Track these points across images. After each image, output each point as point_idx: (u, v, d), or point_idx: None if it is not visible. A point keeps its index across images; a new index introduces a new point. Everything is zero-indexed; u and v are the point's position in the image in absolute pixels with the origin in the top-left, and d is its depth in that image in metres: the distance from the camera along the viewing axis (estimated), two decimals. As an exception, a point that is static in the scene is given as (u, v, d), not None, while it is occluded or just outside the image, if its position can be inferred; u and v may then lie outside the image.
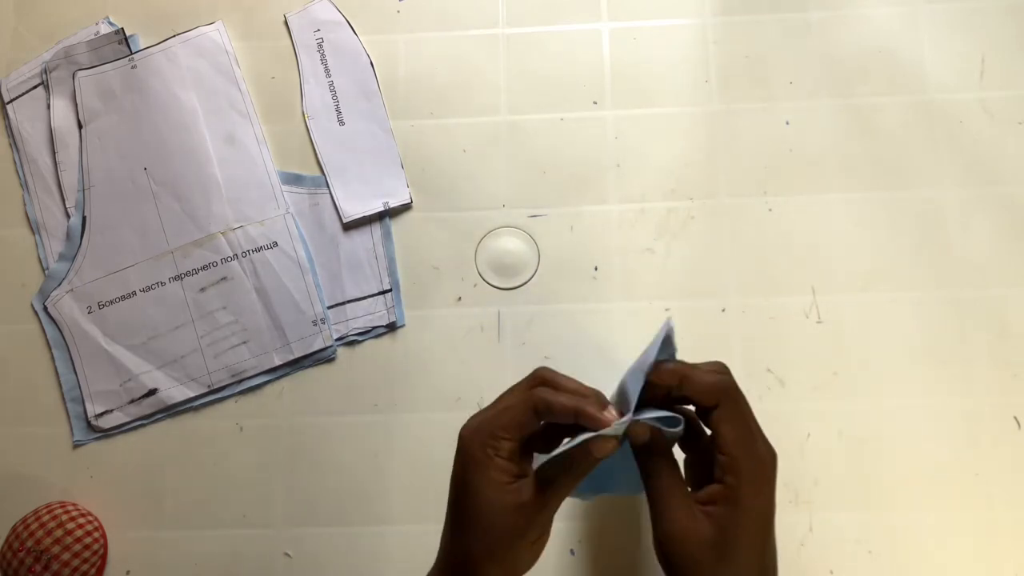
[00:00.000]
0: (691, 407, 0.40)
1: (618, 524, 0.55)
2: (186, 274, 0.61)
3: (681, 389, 0.38)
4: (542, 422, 0.39)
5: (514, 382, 0.41)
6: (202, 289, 0.60)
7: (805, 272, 0.59)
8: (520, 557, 0.39)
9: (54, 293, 0.61)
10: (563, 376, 0.40)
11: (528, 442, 0.40)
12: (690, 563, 0.36)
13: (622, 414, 0.38)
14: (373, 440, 0.58)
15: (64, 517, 0.55)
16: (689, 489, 0.39)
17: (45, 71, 0.65)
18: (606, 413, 0.37)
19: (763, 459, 0.37)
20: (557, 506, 0.39)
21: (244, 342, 0.59)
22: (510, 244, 0.61)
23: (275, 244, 0.61)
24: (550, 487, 0.38)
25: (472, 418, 0.39)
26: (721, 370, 0.39)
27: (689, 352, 0.42)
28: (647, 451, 0.38)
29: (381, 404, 0.58)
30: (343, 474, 0.57)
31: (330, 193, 0.62)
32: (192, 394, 0.59)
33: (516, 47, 0.64)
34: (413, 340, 0.59)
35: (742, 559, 0.36)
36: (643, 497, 0.39)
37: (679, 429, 0.38)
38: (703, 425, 0.40)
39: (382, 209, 0.61)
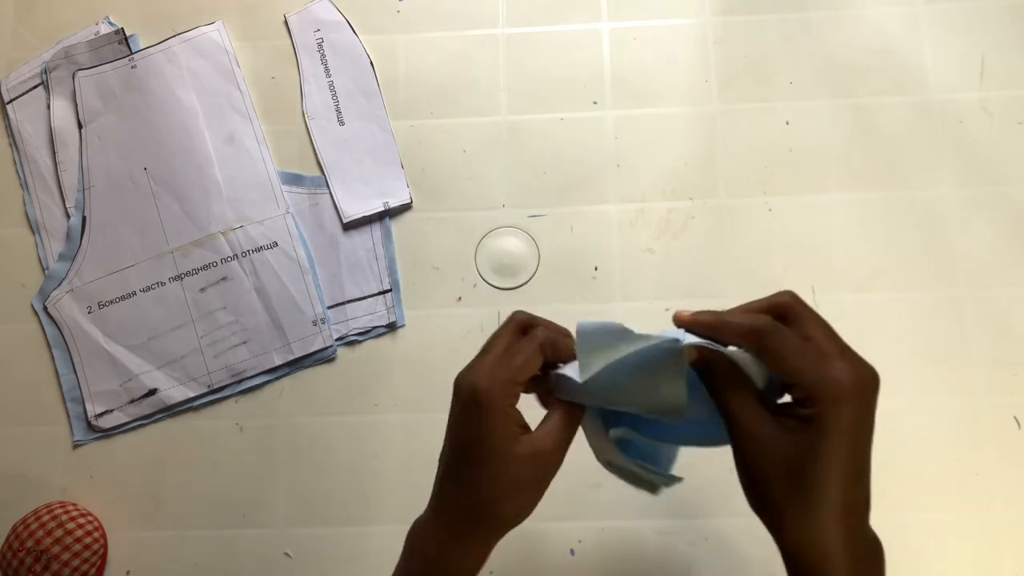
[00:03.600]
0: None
1: (618, 524, 0.55)
2: (186, 274, 0.61)
3: (714, 339, 0.37)
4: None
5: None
6: (202, 289, 0.60)
7: (805, 272, 0.59)
8: (530, 505, 0.38)
9: (54, 293, 0.61)
10: (539, 317, 0.40)
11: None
12: (769, 477, 0.34)
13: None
14: (373, 440, 0.58)
15: (64, 517, 0.54)
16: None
17: (45, 71, 0.65)
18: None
19: (839, 380, 0.34)
20: (561, 457, 0.38)
21: (244, 342, 0.59)
22: (510, 244, 0.61)
23: (275, 244, 0.61)
24: (562, 438, 0.38)
25: (478, 368, 0.38)
26: (759, 308, 0.37)
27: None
28: (711, 371, 0.36)
29: (381, 404, 0.58)
30: (343, 474, 0.57)
31: (330, 193, 0.62)
32: (192, 394, 0.59)
33: (516, 47, 0.64)
34: (413, 340, 0.59)
35: (827, 477, 0.33)
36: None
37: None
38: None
39: (382, 209, 0.61)
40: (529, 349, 0.38)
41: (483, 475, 0.37)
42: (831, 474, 0.33)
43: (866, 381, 0.34)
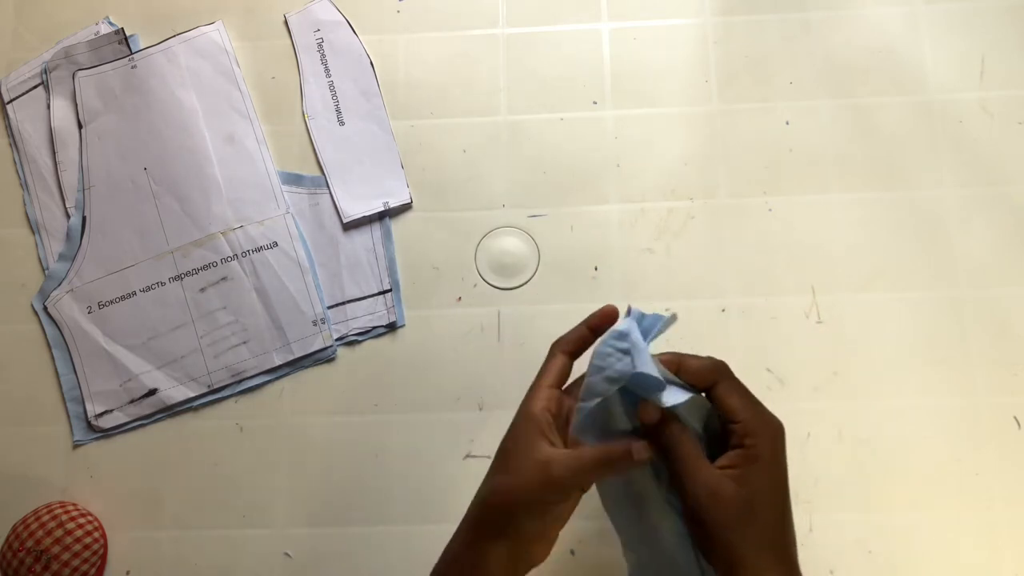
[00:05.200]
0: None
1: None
2: (186, 274, 0.61)
3: (678, 375, 0.41)
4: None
5: (514, 382, 0.42)
6: (202, 289, 0.60)
7: (805, 272, 0.59)
8: (542, 504, 0.40)
9: (54, 293, 0.61)
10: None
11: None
12: (720, 523, 0.37)
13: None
14: (373, 440, 0.58)
15: (64, 517, 0.54)
16: None
17: (45, 71, 0.65)
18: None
19: (773, 422, 0.40)
20: (579, 493, 0.41)
21: (244, 342, 0.59)
22: (510, 244, 0.61)
23: (275, 244, 0.61)
24: (582, 469, 0.40)
25: (525, 400, 0.43)
26: (708, 358, 0.42)
27: (689, 352, 0.42)
28: (661, 427, 0.40)
29: (381, 404, 0.58)
30: (343, 474, 0.57)
31: (330, 193, 0.62)
32: (192, 394, 0.59)
33: (516, 47, 0.64)
34: (413, 340, 0.59)
35: (768, 515, 0.38)
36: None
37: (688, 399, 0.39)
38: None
39: (382, 209, 0.61)
40: (552, 357, 0.44)
41: (503, 466, 0.41)
42: (774, 508, 0.39)
43: (782, 427, 0.40)
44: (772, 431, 0.40)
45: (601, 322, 0.45)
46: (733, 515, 0.37)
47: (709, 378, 0.41)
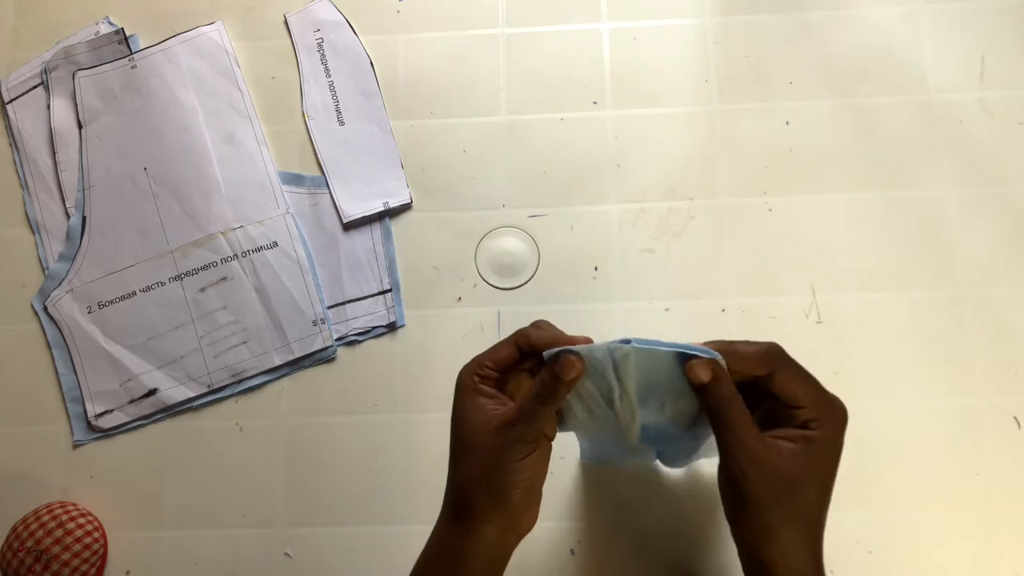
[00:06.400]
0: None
1: (618, 524, 0.55)
2: (186, 274, 0.61)
3: (729, 363, 0.39)
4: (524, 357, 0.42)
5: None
6: (202, 289, 0.60)
7: (805, 272, 0.59)
8: (507, 486, 0.40)
9: (54, 293, 0.61)
10: (549, 324, 0.43)
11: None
12: (760, 493, 0.37)
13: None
14: (373, 440, 0.58)
15: (64, 517, 0.54)
16: None
17: (45, 71, 0.65)
18: (579, 337, 0.40)
19: (839, 407, 0.40)
20: (533, 428, 0.40)
21: (244, 342, 0.59)
22: (510, 244, 0.61)
23: (275, 244, 0.61)
24: (525, 406, 0.40)
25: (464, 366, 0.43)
26: (763, 343, 0.41)
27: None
28: (714, 387, 0.38)
29: (381, 404, 0.58)
30: (343, 474, 0.57)
31: (330, 193, 0.62)
32: (192, 394, 0.59)
33: (516, 47, 0.64)
34: (413, 340, 0.59)
35: (812, 496, 0.38)
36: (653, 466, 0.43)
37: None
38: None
39: (382, 209, 0.61)
40: (502, 341, 0.43)
41: (464, 458, 0.41)
42: (820, 490, 0.38)
43: (846, 411, 0.40)
44: (837, 415, 0.39)
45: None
46: (776, 488, 0.37)
47: (765, 366, 0.39)
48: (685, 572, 0.54)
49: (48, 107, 0.64)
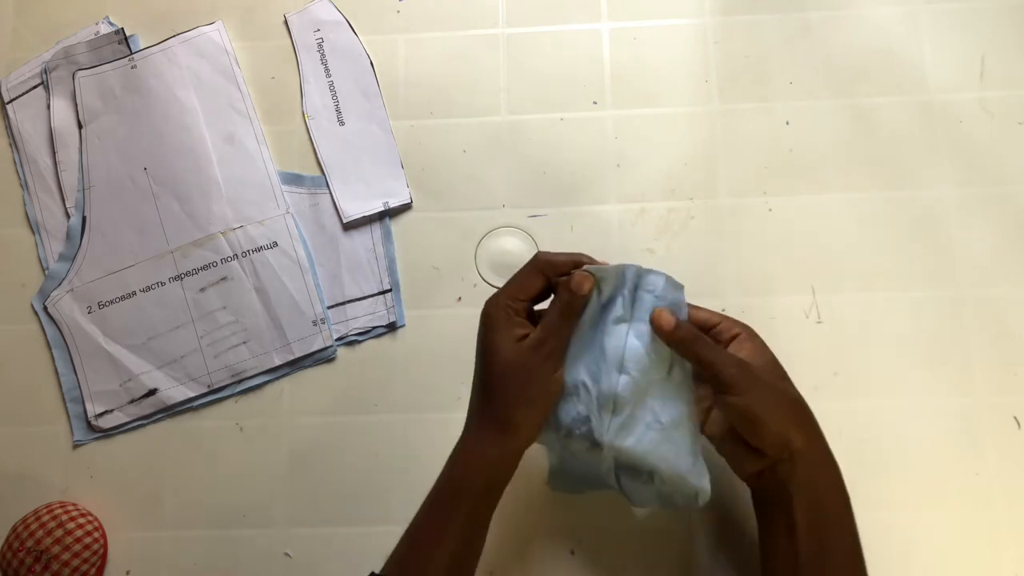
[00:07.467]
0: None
1: (618, 524, 0.55)
2: (186, 274, 0.61)
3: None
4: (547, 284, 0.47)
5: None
6: (202, 289, 0.60)
7: (805, 272, 0.59)
8: (544, 392, 0.45)
9: (54, 293, 0.61)
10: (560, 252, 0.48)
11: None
12: (757, 383, 0.44)
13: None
14: (373, 440, 0.58)
15: (64, 517, 0.55)
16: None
17: (45, 71, 0.65)
18: (596, 260, 0.47)
19: (739, 320, 0.49)
20: (561, 342, 0.46)
21: (244, 342, 0.59)
22: (510, 244, 0.61)
23: (275, 244, 0.61)
24: (550, 324, 0.46)
25: (489, 299, 0.47)
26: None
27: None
28: (679, 330, 0.45)
29: (381, 404, 0.58)
30: (343, 474, 0.57)
31: (330, 193, 0.62)
32: (192, 394, 0.59)
33: (516, 47, 0.64)
34: (413, 340, 0.59)
35: (778, 370, 0.46)
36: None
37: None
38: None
39: (382, 209, 0.61)
40: (526, 271, 0.47)
41: (502, 383, 0.45)
42: (776, 363, 0.47)
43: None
44: (742, 323, 0.48)
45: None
46: (765, 374, 0.45)
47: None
48: (685, 572, 0.54)
49: (48, 107, 0.64)
